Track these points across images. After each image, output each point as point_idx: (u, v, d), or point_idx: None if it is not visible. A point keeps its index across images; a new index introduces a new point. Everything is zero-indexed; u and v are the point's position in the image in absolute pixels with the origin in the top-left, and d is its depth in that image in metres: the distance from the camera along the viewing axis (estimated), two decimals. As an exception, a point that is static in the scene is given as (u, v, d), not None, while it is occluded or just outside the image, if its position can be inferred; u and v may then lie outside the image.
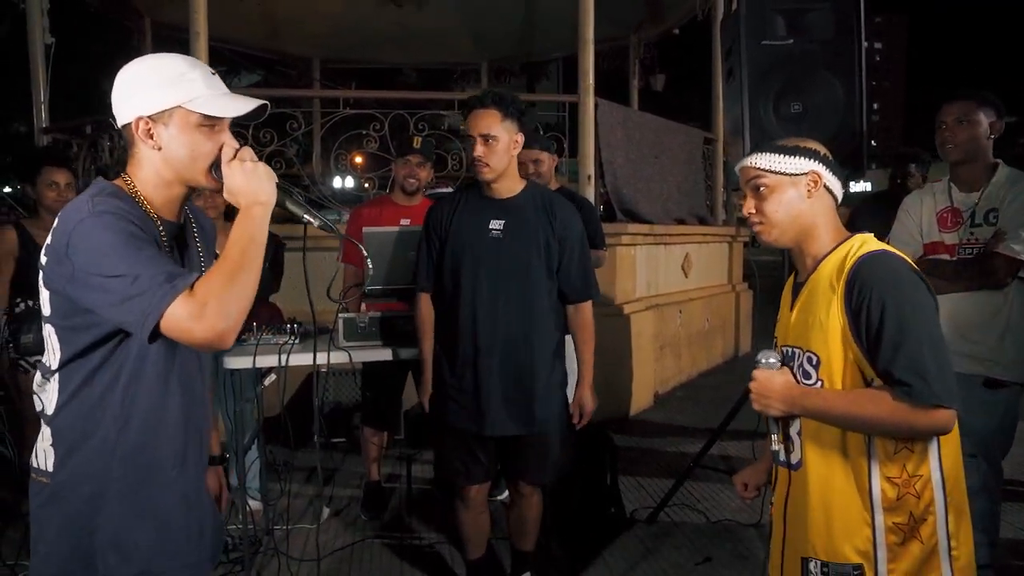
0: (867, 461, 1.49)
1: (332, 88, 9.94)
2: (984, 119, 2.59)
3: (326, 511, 3.65)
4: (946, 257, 2.62)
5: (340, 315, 3.00)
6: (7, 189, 13.32)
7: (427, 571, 3.13)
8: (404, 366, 3.35)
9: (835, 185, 1.62)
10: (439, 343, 2.61)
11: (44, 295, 1.37)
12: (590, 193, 5.37)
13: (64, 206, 3.19)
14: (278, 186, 1.39)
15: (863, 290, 1.45)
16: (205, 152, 1.38)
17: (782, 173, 1.59)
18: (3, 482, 3.78)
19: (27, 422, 3.15)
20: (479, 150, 2.43)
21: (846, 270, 1.49)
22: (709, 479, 4.01)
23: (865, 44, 2.96)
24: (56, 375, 1.38)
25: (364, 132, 5.74)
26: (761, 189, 1.61)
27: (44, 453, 1.39)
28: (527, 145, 3.74)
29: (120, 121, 1.40)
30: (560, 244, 2.55)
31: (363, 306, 3.43)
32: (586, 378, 2.66)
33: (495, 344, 2.48)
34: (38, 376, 1.42)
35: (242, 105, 1.38)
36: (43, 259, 1.35)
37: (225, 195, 1.37)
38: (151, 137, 1.37)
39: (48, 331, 1.39)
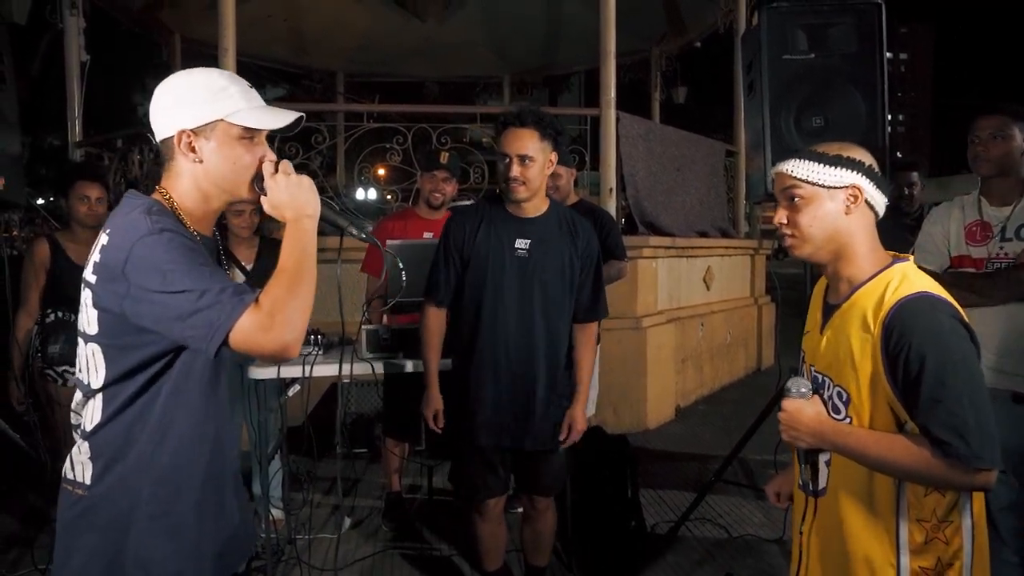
0: (895, 501, 1.43)
1: (356, 101, 10.06)
2: (1018, 134, 2.55)
3: (347, 521, 3.67)
4: (971, 270, 2.59)
5: (363, 327, 3.04)
6: (40, 201, 13.60)
7: (447, 582, 3.14)
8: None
9: (878, 200, 1.51)
10: (459, 358, 2.63)
11: (91, 314, 1.34)
12: (611, 206, 5.39)
13: (95, 219, 3.27)
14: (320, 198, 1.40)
15: (901, 338, 1.35)
16: (246, 164, 1.39)
17: (819, 184, 1.48)
18: (35, 488, 3.86)
19: (58, 430, 3.21)
20: (515, 170, 2.39)
21: (883, 312, 1.39)
22: (731, 493, 3.99)
23: (889, 55, 2.95)
24: (99, 395, 1.36)
25: (387, 145, 5.81)
26: (795, 200, 1.51)
27: (81, 466, 1.38)
28: None
29: (160, 135, 1.40)
30: (581, 264, 2.56)
31: (385, 318, 3.47)
32: (582, 397, 2.62)
33: (517, 361, 2.50)
34: (78, 395, 1.41)
35: (280, 118, 1.40)
36: (91, 277, 1.33)
37: (268, 208, 1.37)
38: (193, 150, 1.37)
39: (92, 350, 1.36)
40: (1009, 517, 2.45)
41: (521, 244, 2.49)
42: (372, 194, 10.88)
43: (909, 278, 1.44)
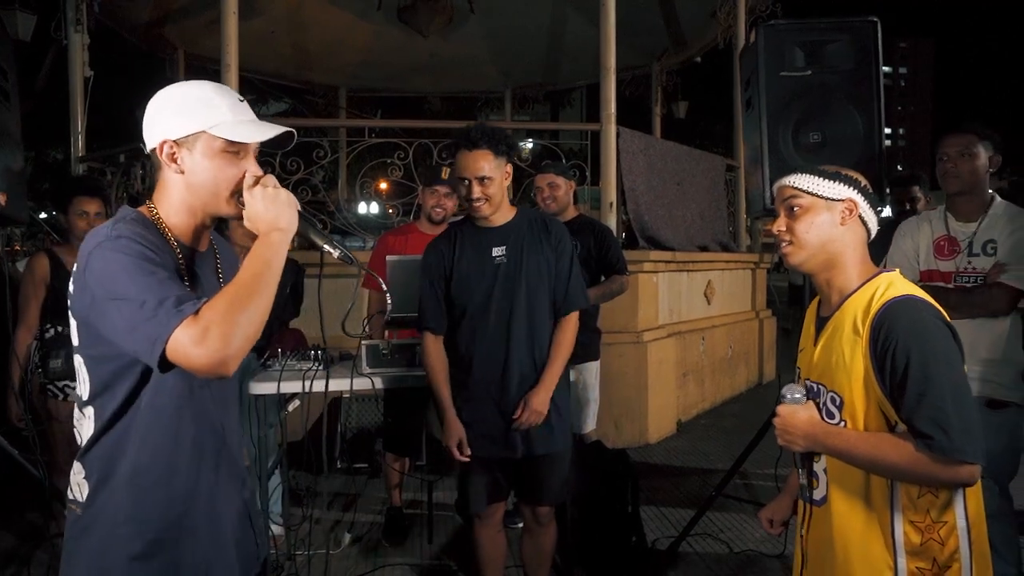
0: (890, 504, 1.48)
1: (358, 116, 10.11)
2: (984, 152, 2.67)
3: (347, 536, 3.66)
4: (942, 284, 2.67)
5: (363, 342, 3.04)
6: (42, 215, 13.64)
7: (447, 599, 3.13)
8: (426, 392, 3.37)
9: (870, 218, 1.60)
10: (456, 372, 2.63)
11: (72, 324, 1.35)
12: (612, 220, 5.41)
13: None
14: (300, 215, 1.37)
15: (888, 337, 1.42)
16: (227, 177, 1.36)
17: (818, 195, 1.58)
18: (33, 505, 3.85)
19: (56, 446, 3.21)
20: (476, 191, 2.44)
21: (871, 314, 1.46)
22: (732, 508, 3.97)
23: (889, 69, 2.99)
24: (90, 408, 1.35)
25: (389, 160, 5.84)
26: (795, 209, 1.60)
27: (78, 486, 1.37)
28: (543, 170, 3.80)
29: (148, 145, 1.38)
30: (556, 258, 2.59)
31: (386, 333, 3.47)
32: (544, 383, 2.53)
33: (510, 367, 2.51)
34: (77, 410, 1.40)
35: (265, 131, 1.36)
36: (71, 287, 1.33)
37: (245, 222, 1.34)
38: (175, 161, 1.36)
39: (78, 361, 1.35)
40: (996, 525, 2.46)
41: (498, 251, 2.54)
42: (375, 208, 10.93)
43: (895, 284, 1.52)
